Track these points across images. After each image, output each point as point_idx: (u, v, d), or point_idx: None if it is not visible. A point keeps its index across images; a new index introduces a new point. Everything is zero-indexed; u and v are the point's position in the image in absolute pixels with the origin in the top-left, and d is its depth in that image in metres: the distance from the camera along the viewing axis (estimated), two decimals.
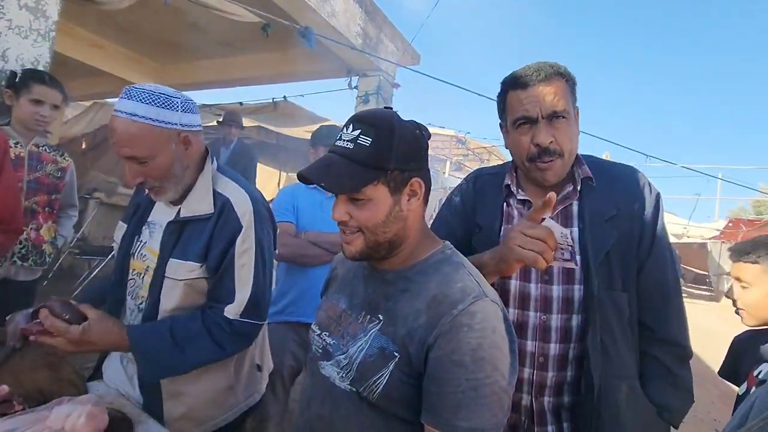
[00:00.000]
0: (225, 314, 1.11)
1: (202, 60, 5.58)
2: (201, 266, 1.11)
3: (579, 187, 1.06)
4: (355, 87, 4.75)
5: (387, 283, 0.88)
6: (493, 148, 7.27)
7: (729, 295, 1.22)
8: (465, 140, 6.64)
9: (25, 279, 2.01)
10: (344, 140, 0.80)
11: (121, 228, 1.27)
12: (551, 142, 1.00)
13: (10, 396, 0.98)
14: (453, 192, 1.27)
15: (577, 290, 1.02)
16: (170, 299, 1.11)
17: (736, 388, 1.27)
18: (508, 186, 1.13)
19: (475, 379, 0.71)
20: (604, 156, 1.41)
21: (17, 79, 1.93)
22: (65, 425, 0.87)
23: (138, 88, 1.03)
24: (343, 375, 0.83)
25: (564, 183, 1.07)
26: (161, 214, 1.20)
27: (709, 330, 8.59)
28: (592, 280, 0.99)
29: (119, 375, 1.22)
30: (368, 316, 0.85)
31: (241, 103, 5.55)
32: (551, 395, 1.04)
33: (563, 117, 1.00)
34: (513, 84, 1.04)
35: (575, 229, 1.05)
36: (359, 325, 0.86)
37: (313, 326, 0.97)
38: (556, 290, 1.03)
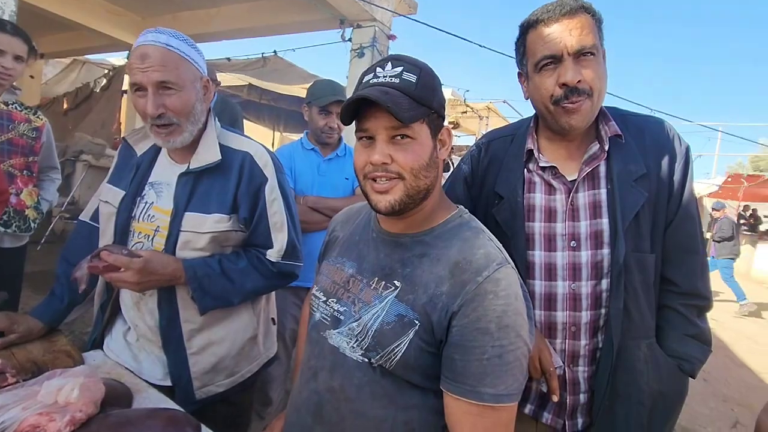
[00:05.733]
0: (268, 257, 1.20)
1: (185, 11, 5.24)
2: (230, 218, 1.14)
3: (607, 147, 1.00)
4: (349, 39, 4.48)
5: (402, 247, 0.83)
6: (492, 106, 7.05)
7: None
8: (464, 99, 6.42)
9: (11, 246, 1.94)
10: (387, 76, 0.76)
11: (110, 190, 1.20)
12: (579, 81, 0.92)
13: (3, 368, 0.95)
14: (463, 159, 1.21)
15: (606, 254, 0.99)
16: (188, 254, 1.12)
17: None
18: (530, 151, 1.05)
19: (500, 346, 0.71)
20: None
21: None
22: (58, 399, 0.83)
23: (166, 28, 1.07)
24: (355, 344, 0.80)
25: (589, 142, 1.02)
26: (166, 173, 1.18)
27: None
28: (619, 243, 0.96)
29: (124, 351, 1.20)
30: (383, 282, 0.82)
31: (228, 59, 5.27)
32: (585, 364, 1.03)
33: (591, 54, 0.93)
34: (534, 22, 0.96)
35: (603, 191, 1.00)
36: (372, 291, 0.82)
37: (315, 293, 0.93)
38: (585, 256, 1.00)
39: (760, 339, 5.39)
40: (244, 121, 7.80)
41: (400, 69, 0.76)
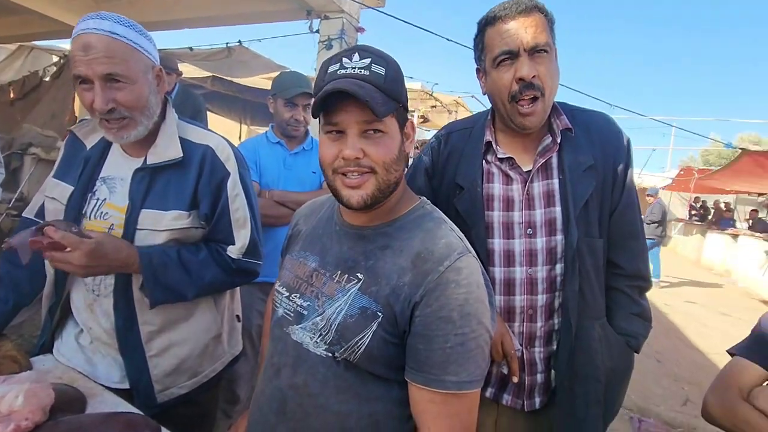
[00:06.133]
0: (228, 253, 1.16)
1: None
2: (189, 215, 1.10)
3: (559, 139, 1.06)
4: (317, 31, 4.40)
5: (365, 240, 0.83)
6: (461, 100, 7.12)
7: None
8: (432, 92, 6.44)
9: None
10: (356, 68, 0.75)
11: (57, 186, 1.13)
12: (534, 76, 0.97)
13: None
14: (423, 151, 1.24)
15: (560, 240, 1.05)
16: None
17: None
18: (489, 143, 1.10)
19: (462, 334, 0.72)
20: None
21: None
22: (0, 407, 0.78)
23: (109, 13, 0.99)
24: (319, 339, 0.79)
25: (542, 135, 1.07)
26: (119, 167, 1.12)
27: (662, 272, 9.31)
28: (571, 229, 1.03)
29: (76, 354, 1.14)
30: (345, 275, 0.82)
31: (191, 48, 5.06)
32: (541, 345, 1.09)
33: (545, 51, 0.98)
34: (491, 20, 1.01)
35: (555, 181, 1.06)
36: (335, 284, 0.82)
37: (278, 288, 0.91)
38: (540, 242, 1.06)
39: (709, 322, 5.76)
40: (209, 113, 7.55)
41: (368, 61, 0.75)
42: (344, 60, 0.76)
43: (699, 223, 13.38)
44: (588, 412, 1.04)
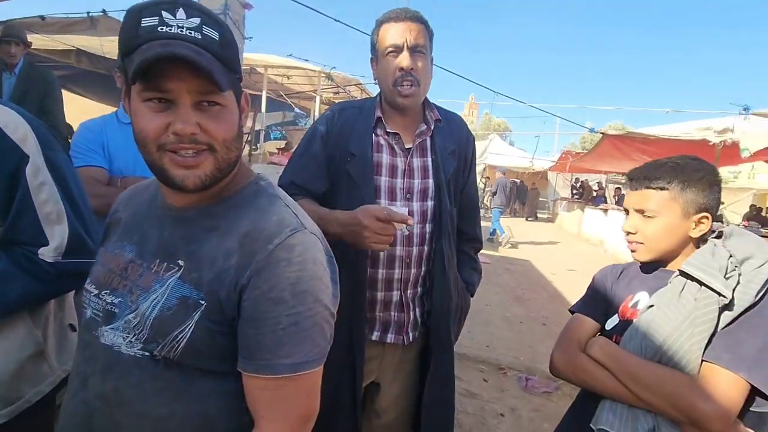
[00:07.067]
0: (41, 256, 0.97)
1: None
2: None
3: (432, 127, 1.34)
4: None
5: (188, 222, 0.74)
6: (362, 86, 7.11)
7: (625, 228, 1.07)
8: (332, 76, 6.31)
9: None
10: (184, 27, 0.64)
11: None
12: (412, 68, 1.22)
13: None
14: (318, 122, 1.38)
15: (431, 206, 1.32)
16: None
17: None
18: (379, 118, 1.30)
19: (296, 313, 0.67)
20: (470, 98, 1.74)
21: None
22: None
23: None
24: (133, 338, 0.68)
25: (419, 122, 1.34)
26: None
27: (547, 246, 10.40)
28: (443, 197, 1.30)
29: None
30: (165, 264, 0.71)
31: (42, 17, 4.28)
32: (413, 287, 1.32)
33: (422, 53, 1.24)
34: (385, 20, 1.26)
35: (429, 159, 1.33)
36: (153, 275, 0.71)
37: (87, 286, 0.78)
38: (416, 206, 1.30)
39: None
40: (75, 95, 6.52)
41: (197, 21, 0.65)
42: (165, 15, 0.64)
43: (578, 200, 15.21)
44: (448, 337, 1.34)
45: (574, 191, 16.41)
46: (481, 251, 1.58)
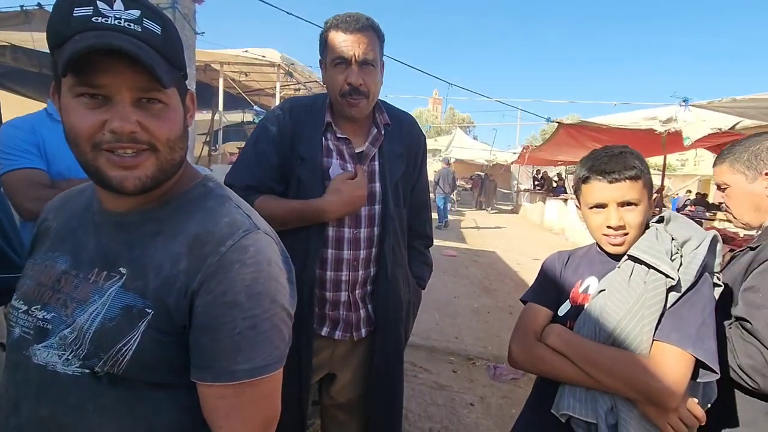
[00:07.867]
0: None
1: None
2: None
3: (383, 132, 1.34)
4: None
5: (130, 227, 0.69)
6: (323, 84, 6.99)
7: (613, 224, 1.01)
8: (292, 72, 6.16)
9: None
10: (122, 19, 0.60)
11: None
12: (361, 84, 1.20)
13: None
14: (268, 121, 1.34)
15: (378, 209, 1.33)
16: None
17: (528, 280, 1.49)
18: (329, 123, 1.29)
19: (253, 316, 0.65)
20: (434, 93, 1.69)
21: None
22: None
23: None
24: (70, 355, 0.63)
25: (369, 127, 1.34)
26: None
27: (513, 236, 10.70)
28: (388, 201, 1.33)
29: None
30: (104, 273, 0.66)
31: None
32: (361, 287, 1.34)
33: (372, 65, 1.21)
34: (335, 26, 1.20)
35: (377, 163, 1.34)
36: (91, 285, 0.66)
37: (14, 303, 0.71)
38: (364, 210, 1.31)
39: None
40: (8, 93, 6.08)
41: (137, 13, 0.61)
42: (100, 4, 0.59)
43: (540, 191, 15.72)
44: (398, 332, 1.39)
45: (536, 182, 16.94)
46: (451, 245, 1.63)
